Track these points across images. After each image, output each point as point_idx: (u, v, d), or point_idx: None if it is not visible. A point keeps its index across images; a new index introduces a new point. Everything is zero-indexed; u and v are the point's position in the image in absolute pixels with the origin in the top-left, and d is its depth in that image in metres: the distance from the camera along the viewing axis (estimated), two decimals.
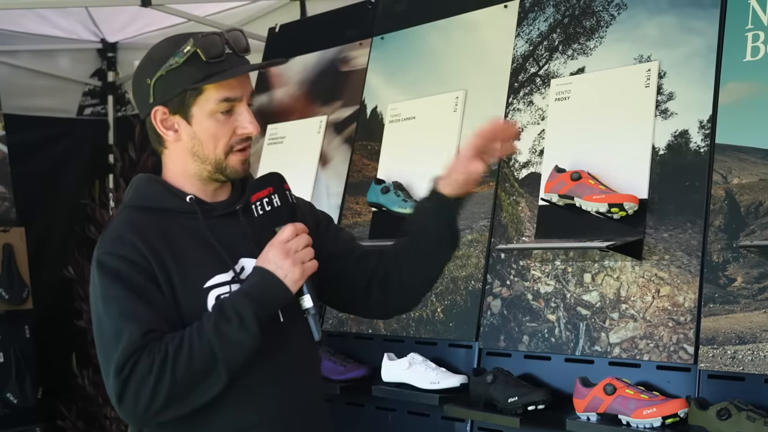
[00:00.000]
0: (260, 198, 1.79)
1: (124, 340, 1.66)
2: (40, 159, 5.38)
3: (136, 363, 1.64)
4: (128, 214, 1.83)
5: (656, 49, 2.73)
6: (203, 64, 1.76)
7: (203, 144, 1.80)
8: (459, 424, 2.88)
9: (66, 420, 4.99)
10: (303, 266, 1.75)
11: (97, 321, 1.73)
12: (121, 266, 1.72)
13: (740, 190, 2.45)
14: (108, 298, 1.71)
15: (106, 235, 1.79)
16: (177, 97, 1.78)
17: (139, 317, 1.68)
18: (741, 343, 2.34)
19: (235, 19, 4.74)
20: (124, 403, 1.65)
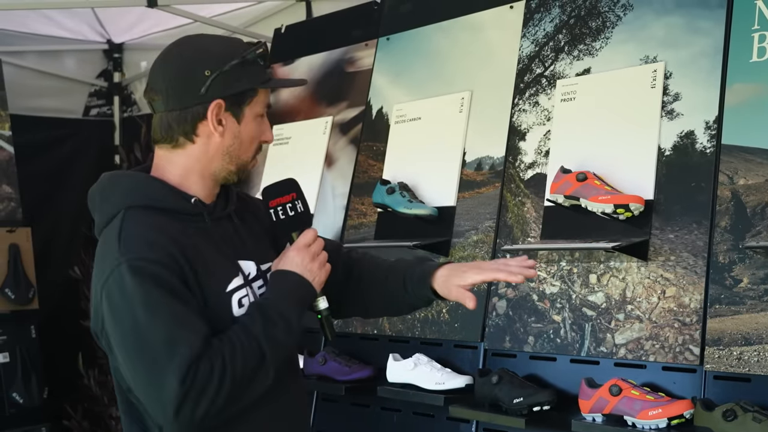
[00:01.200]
0: (283, 203, 1.85)
1: (181, 347, 1.62)
2: (46, 159, 5.39)
3: (197, 370, 1.62)
4: (142, 215, 1.76)
5: (662, 49, 2.73)
6: (262, 69, 1.82)
7: (242, 144, 1.83)
8: (464, 424, 2.88)
9: (72, 420, 5.00)
10: (326, 269, 1.83)
11: (136, 329, 1.65)
12: (160, 272, 1.67)
13: (746, 191, 2.45)
14: (152, 306, 1.65)
15: (128, 239, 1.71)
16: (238, 94, 1.80)
17: (192, 323, 1.66)
18: (747, 344, 2.33)
19: (241, 20, 4.75)
20: (182, 411, 1.62)
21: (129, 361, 1.68)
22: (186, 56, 1.81)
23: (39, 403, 4.69)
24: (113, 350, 1.74)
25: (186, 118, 1.79)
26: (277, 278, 1.80)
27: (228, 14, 4.81)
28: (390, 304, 2.05)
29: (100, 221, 1.82)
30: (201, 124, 1.79)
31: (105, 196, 1.83)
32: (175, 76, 1.79)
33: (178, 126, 1.79)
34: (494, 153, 3.08)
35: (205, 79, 1.76)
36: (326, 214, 3.52)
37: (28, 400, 4.65)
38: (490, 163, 3.08)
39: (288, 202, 1.85)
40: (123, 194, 1.80)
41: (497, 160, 3.06)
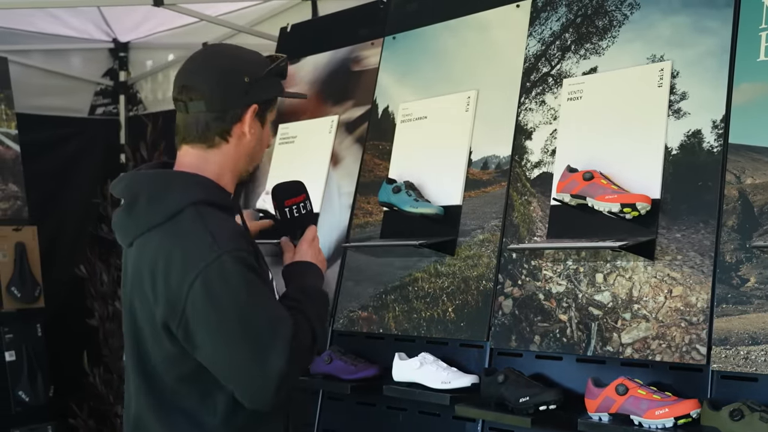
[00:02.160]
0: (296, 202, 2.08)
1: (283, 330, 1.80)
2: (52, 158, 5.40)
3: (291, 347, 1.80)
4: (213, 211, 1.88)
5: (669, 48, 2.72)
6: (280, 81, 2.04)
7: (261, 147, 2.02)
8: (470, 424, 2.88)
9: (77, 418, 5.01)
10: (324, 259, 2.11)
11: (241, 315, 1.78)
12: (254, 262, 1.85)
13: (753, 190, 2.44)
14: (255, 293, 1.82)
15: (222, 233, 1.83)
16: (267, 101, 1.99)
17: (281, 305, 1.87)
18: (754, 344, 2.33)
19: (247, 19, 4.76)
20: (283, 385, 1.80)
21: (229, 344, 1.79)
22: (227, 62, 1.98)
23: (45, 402, 4.71)
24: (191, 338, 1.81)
25: (224, 119, 1.93)
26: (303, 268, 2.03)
27: (234, 13, 4.82)
28: None
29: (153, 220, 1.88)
30: (236, 125, 1.94)
31: (157, 191, 1.90)
32: (219, 80, 1.93)
33: (216, 126, 1.93)
34: (500, 152, 3.07)
35: (246, 85, 1.93)
36: (332, 213, 3.52)
37: (34, 398, 4.67)
38: (497, 162, 3.08)
39: (301, 202, 2.08)
40: (182, 190, 1.89)
41: (503, 159, 3.06)
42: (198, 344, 1.82)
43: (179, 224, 1.85)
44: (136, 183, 1.94)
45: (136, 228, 1.90)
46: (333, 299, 3.37)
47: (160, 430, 1.91)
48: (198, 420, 1.89)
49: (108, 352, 5.08)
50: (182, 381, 1.89)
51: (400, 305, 3.15)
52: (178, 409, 1.89)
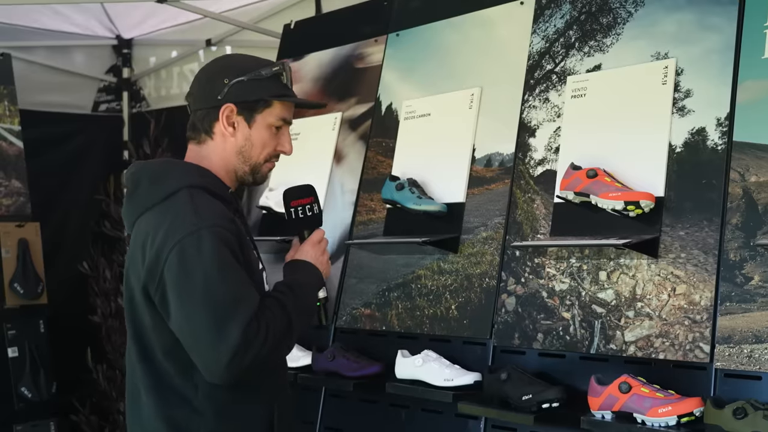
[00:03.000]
0: (302, 204, 2.18)
1: (245, 304, 1.89)
2: (55, 155, 5.41)
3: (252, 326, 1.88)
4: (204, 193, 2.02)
5: (673, 46, 2.71)
6: (281, 86, 2.14)
7: (253, 146, 2.12)
8: (473, 421, 2.88)
9: (80, 414, 5.01)
10: (329, 264, 2.18)
11: (207, 283, 1.89)
12: (232, 240, 1.95)
13: (758, 188, 2.44)
14: (226, 267, 1.91)
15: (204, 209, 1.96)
16: (250, 102, 2.09)
17: (251, 287, 1.95)
18: (758, 342, 2.32)
19: (250, 16, 4.75)
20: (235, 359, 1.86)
21: (193, 311, 1.89)
22: (215, 67, 2.17)
23: (47, 398, 4.71)
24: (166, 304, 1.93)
25: (205, 118, 2.11)
26: (298, 266, 2.12)
27: (237, 10, 4.81)
28: None
29: (151, 200, 2.03)
30: (215, 123, 2.11)
31: (157, 177, 2.06)
32: (202, 83, 2.14)
33: (200, 124, 2.13)
34: (504, 149, 3.07)
35: (223, 87, 2.08)
36: (335, 210, 3.52)
37: (37, 394, 4.67)
38: (500, 160, 3.07)
39: (307, 204, 2.18)
40: (180, 176, 2.05)
41: (507, 157, 3.05)
42: (170, 312, 1.93)
43: (172, 203, 2.00)
44: (141, 170, 2.11)
45: (135, 210, 2.06)
46: (336, 296, 3.37)
47: (154, 405, 2.02)
48: (185, 396, 2.00)
49: (111, 349, 5.08)
50: (167, 355, 2.00)
51: (402, 302, 3.15)
52: (169, 387, 2.01)
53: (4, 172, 4.84)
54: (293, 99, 2.18)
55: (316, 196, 2.23)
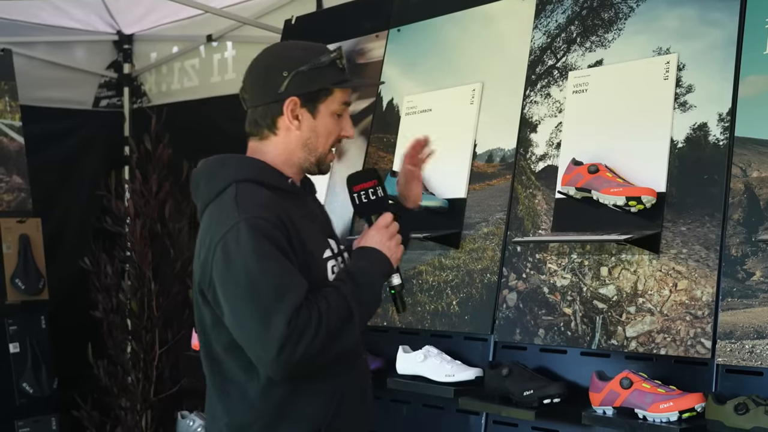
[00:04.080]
0: (365, 188, 2.11)
1: (289, 294, 1.86)
2: (56, 150, 5.40)
3: (300, 315, 1.85)
4: (252, 187, 2.00)
5: (675, 41, 2.71)
6: (339, 71, 2.07)
7: (318, 137, 2.07)
8: (474, 417, 2.88)
9: (81, 410, 5.01)
10: (400, 248, 2.09)
11: (249, 276, 1.88)
12: (274, 232, 1.92)
13: (760, 184, 2.43)
14: (266, 258, 1.89)
15: (245, 202, 1.95)
16: (313, 93, 2.04)
17: (297, 276, 1.91)
18: (759, 338, 2.32)
19: (251, 11, 4.74)
20: (284, 350, 1.84)
21: (238, 305, 1.89)
22: (268, 59, 2.11)
23: (49, 394, 4.71)
24: (219, 301, 1.93)
25: (267, 114, 2.06)
26: (362, 253, 2.06)
27: (239, 5, 4.80)
28: None
29: (208, 196, 2.04)
30: (279, 119, 2.05)
31: (212, 174, 2.07)
32: (257, 77, 2.08)
33: (262, 120, 2.07)
34: (505, 145, 3.07)
35: (283, 80, 2.03)
36: (336, 206, 3.51)
37: (38, 390, 4.67)
38: (501, 155, 3.07)
39: (370, 188, 2.11)
40: (232, 171, 2.04)
41: (508, 152, 3.05)
42: (222, 309, 1.94)
43: (221, 199, 2.00)
44: (201, 168, 2.11)
45: (200, 209, 2.09)
46: None
47: (217, 401, 2.05)
48: (244, 392, 2.00)
49: (112, 345, 5.08)
50: (227, 351, 2.00)
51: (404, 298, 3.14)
52: (231, 381, 2.02)
53: (5, 168, 4.83)
54: (355, 83, 2.16)
55: (380, 179, 2.15)
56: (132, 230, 5.04)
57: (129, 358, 5.08)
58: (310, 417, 2.01)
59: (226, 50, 5.13)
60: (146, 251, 5.00)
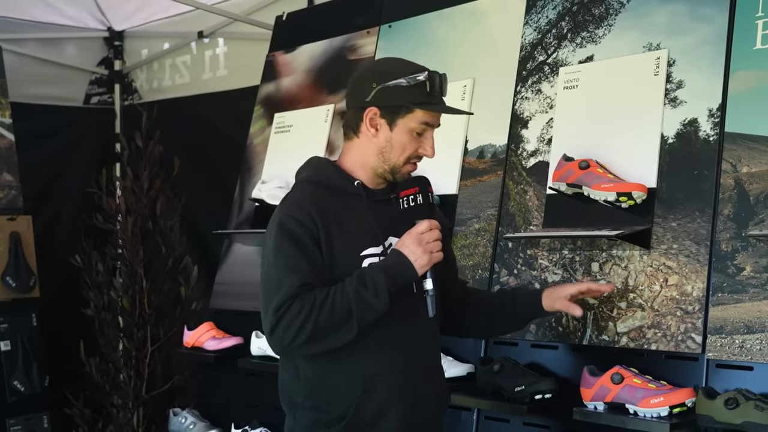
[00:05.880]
0: (408, 195, 2.18)
1: (285, 287, 2.07)
2: (46, 147, 5.38)
3: (290, 307, 2.05)
4: (307, 187, 2.23)
5: (665, 37, 2.71)
6: (425, 93, 2.19)
7: (393, 149, 2.20)
8: (465, 413, 2.88)
9: (73, 408, 5.00)
10: (431, 255, 2.13)
11: (266, 268, 2.14)
12: (296, 228, 2.12)
13: (750, 179, 2.44)
14: (279, 252, 2.12)
15: (288, 201, 2.21)
16: (393, 107, 2.18)
17: (301, 271, 2.09)
18: (749, 333, 2.33)
19: (242, 8, 4.73)
20: (274, 336, 2.08)
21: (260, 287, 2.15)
22: (366, 69, 2.34)
23: (40, 391, 4.70)
24: None
25: (354, 118, 2.24)
26: (389, 255, 2.15)
27: (229, 2, 4.79)
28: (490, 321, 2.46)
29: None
30: (362, 124, 2.22)
31: (298, 173, 2.31)
32: (354, 83, 2.27)
33: (350, 123, 2.25)
34: (496, 141, 3.07)
35: (371, 90, 2.19)
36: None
37: (30, 388, 4.66)
38: (493, 151, 3.07)
39: (411, 194, 2.18)
40: (303, 171, 2.30)
41: (499, 148, 3.05)
42: None
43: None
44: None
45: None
46: None
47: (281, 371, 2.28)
48: (293, 363, 2.21)
49: (104, 342, 5.07)
50: None
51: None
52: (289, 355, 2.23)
53: None
54: (432, 108, 2.21)
55: (424, 185, 2.20)
56: (123, 227, 5.04)
57: (121, 355, 5.07)
58: (338, 398, 2.15)
59: (218, 47, 5.12)
60: (138, 248, 4.99)
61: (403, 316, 2.17)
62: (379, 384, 2.16)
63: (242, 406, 3.58)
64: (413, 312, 2.18)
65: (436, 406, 2.32)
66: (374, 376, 2.16)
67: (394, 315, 2.13)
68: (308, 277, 2.10)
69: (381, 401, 2.16)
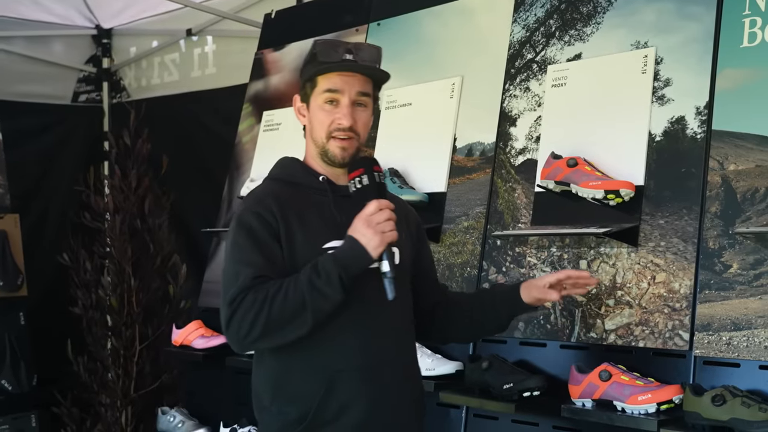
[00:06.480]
0: (354, 177, 2.10)
1: (239, 280, 2.04)
2: (34, 146, 5.35)
3: (243, 299, 2.01)
4: (270, 184, 2.22)
5: (653, 35, 2.72)
6: (317, 63, 2.14)
7: (314, 128, 2.17)
8: (454, 410, 2.88)
9: (61, 407, 4.98)
10: (382, 235, 2.02)
11: (225, 262, 2.12)
12: (253, 222, 2.09)
13: (736, 177, 2.45)
14: (236, 246, 2.10)
15: (249, 196, 2.20)
16: (303, 88, 2.19)
17: (256, 264, 2.05)
18: (736, 330, 2.34)
19: (231, 5, 4.72)
20: (229, 329, 2.05)
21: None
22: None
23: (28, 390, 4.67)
24: None
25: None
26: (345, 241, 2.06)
27: None
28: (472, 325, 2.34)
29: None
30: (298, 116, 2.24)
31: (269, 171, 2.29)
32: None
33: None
34: (485, 139, 3.07)
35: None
36: None
37: (17, 387, 4.63)
38: (481, 149, 3.07)
39: (357, 177, 2.09)
40: (273, 170, 2.27)
41: (488, 146, 3.05)
42: None
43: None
44: None
45: None
46: None
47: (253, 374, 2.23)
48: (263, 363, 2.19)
49: (91, 341, 5.05)
50: None
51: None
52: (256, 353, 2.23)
53: None
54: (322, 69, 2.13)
55: (369, 166, 2.11)
56: (111, 226, 5.02)
57: (109, 354, 5.05)
58: (301, 396, 2.09)
59: (207, 45, 5.10)
60: (126, 247, 4.98)
61: (369, 307, 2.10)
62: (344, 380, 2.08)
63: (231, 405, 3.57)
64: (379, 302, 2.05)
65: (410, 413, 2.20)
66: (339, 372, 2.08)
67: (359, 305, 2.07)
68: (263, 270, 2.05)
69: (344, 399, 2.08)
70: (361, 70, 2.15)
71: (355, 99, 2.14)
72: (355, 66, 2.14)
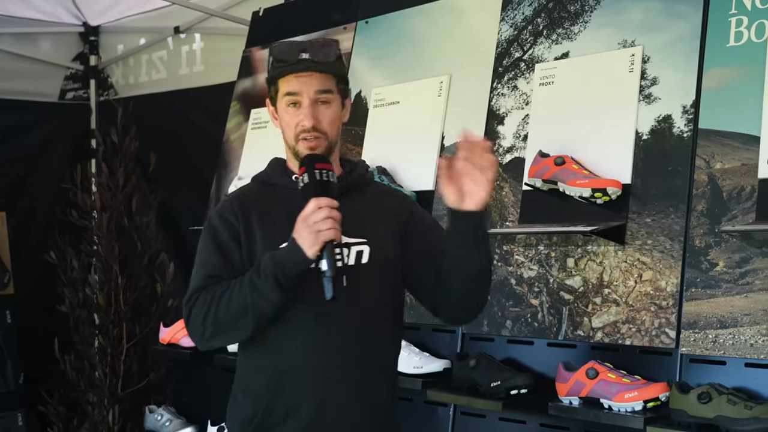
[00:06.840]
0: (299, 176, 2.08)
1: (196, 280, 2.11)
2: (21, 143, 5.33)
3: (197, 299, 2.06)
4: (247, 185, 2.28)
5: (640, 33, 2.73)
6: (275, 66, 2.15)
7: (284, 131, 2.17)
8: (442, 408, 2.89)
9: (48, 405, 4.96)
10: (318, 234, 1.97)
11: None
12: (217, 224, 2.15)
13: (723, 175, 2.46)
14: (201, 247, 2.16)
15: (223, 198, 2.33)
16: (269, 92, 2.19)
17: (213, 265, 2.11)
18: (722, 328, 2.35)
19: (218, 3, 4.71)
20: (188, 328, 2.10)
21: None
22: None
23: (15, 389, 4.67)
24: None
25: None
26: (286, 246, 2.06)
27: None
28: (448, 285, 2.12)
29: None
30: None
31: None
32: None
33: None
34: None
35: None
36: None
37: (4, 385, 4.63)
38: None
39: (300, 176, 2.07)
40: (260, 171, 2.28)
41: None
42: None
43: None
44: None
45: None
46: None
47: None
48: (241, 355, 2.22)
49: (78, 339, 5.03)
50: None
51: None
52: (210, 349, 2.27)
53: None
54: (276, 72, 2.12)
55: (310, 163, 2.06)
56: (99, 224, 5.00)
57: (96, 352, 5.03)
58: (257, 394, 2.13)
59: (195, 42, 5.09)
60: (113, 245, 4.96)
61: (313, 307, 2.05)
62: (290, 381, 2.07)
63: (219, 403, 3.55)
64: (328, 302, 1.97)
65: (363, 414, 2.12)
66: (286, 373, 2.08)
67: (302, 305, 2.05)
68: (219, 270, 2.09)
69: (290, 401, 2.07)
70: (314, 67, 2.11)
71: (316, 98, 2.11)
72: (307, 65, 2.11)
